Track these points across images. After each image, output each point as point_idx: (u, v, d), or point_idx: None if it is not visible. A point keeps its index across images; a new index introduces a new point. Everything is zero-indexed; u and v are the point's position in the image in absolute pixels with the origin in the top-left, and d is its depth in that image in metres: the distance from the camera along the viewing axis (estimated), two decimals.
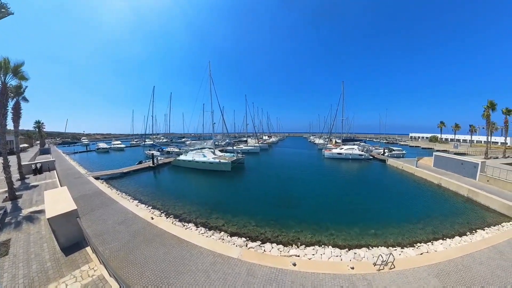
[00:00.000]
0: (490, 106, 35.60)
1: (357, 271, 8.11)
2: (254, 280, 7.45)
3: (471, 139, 71.69)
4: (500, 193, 18.12)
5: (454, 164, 27.02)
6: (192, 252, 9.18)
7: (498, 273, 8.07)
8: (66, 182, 20.74)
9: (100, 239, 9.99)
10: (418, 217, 15.23)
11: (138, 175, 28.18)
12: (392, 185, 25.23)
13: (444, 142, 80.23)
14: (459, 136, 77.92)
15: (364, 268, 8.40)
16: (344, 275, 7.87)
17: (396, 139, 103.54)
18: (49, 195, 10.56)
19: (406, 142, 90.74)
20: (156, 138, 72.93)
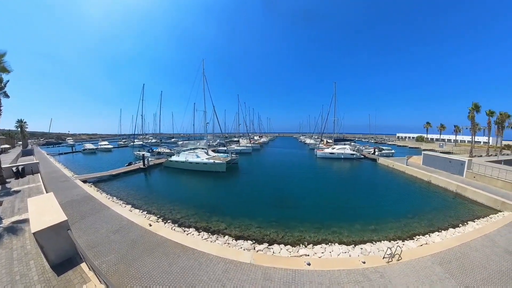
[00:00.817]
0: (475, 108, 38.83)
1: (369, 265, 8.64)
2: (272, 284, 7.44)
3: (455, 139, 77.19)
4: (486, 188, 19.90)
5: (442, 162, 28.87)
6: (200, 260, 8.77)
7: (492, 258, 9.15)
8: (52, 186, 19.62)
9: (94, 252, 9.16)
10: (413, 212, 16.35)
11: (129, 177, 27.31)
12: (385, 183, 26.77)
13: (430, 141, 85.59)
14: (444, 136, 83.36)
15: (374, 261, 8.94)
16: (357, 270, 8.32)
17: (384, 139, 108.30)
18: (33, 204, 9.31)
19: (393, 142, 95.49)
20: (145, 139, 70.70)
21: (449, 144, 71.53)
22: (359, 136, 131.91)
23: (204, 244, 10.35)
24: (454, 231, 12.89)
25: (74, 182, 21.23)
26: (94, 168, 32.37)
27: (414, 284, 7.58)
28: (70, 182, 21.49)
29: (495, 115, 42.12)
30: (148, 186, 24.30)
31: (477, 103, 38.37)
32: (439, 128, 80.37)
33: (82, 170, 31.00)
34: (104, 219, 12.64)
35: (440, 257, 9.23)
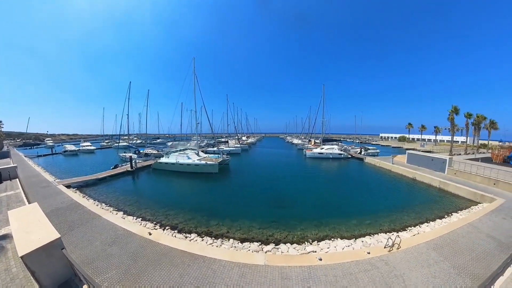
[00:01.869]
0: (454, 111, 43.59)
1: (373, 255, 9.58)
2: (291, 282, 7.74)
3: (435, 139, 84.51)
4: (466, 183, 22.42)
5: (425, 160, 31.44)
6: (212, 267, 8.58)
7: (477, 242, 10.70)
8: (32, 193, 18.25)
9: (92, 269, 8.37)
10: (402, 206, 18.07)
11: (116, 181, 26.22)
12: (374, 180, 28.81)
13: (412, 141, 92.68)
14: (425, 136, 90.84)
15: (377, 251, 9.93)
16: (364, 260, 9.21)
17: (368, 139, 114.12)
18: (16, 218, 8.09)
19: (377, 142, 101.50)
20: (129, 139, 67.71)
21: (429, 143, 78.29)
22: (344, 136, 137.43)
23: (212, 250, 10.21)
24: (441, 222, 14.60)
25: (57, 188, 20.02)
26: (77, 172, 30.96)
27: (415, 268, 8.69)
28: (52, 187, 20.25)
29: (473, 117, 47.09)
30: (138, 190, 23.52)
31: (457, 106, 43.24)
32: (420, 129, 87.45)
33: (65, 174, 29.43)
34: (97, 230, 11.80)
35: (433, 243, 10.57)
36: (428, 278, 8.09)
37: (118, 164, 32.20)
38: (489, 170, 22.77)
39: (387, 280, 7.93)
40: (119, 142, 52.75)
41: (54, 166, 37.25)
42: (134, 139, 68.39)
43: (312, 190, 23.66)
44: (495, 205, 16.10)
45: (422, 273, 8.36)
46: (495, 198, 17.34)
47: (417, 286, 7.70)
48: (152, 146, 52.32)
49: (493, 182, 21.23)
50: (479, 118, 47.60)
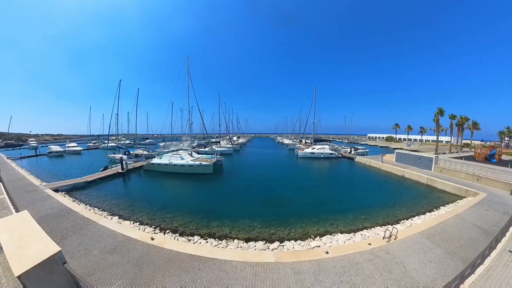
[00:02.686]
0: (440, 112, 46.03)
1: (374, 246, 10.47)
2: (304, 276, 8.20)
3: (421, 139, 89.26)
4: (451, 179, 24.35)
5: (413, 159, 33.42)
6: (224, 269, 8.66)
7: (464, 231, 12.03)
8: (18, 198, 17.19)
9: (94, 280, 7.95)
10: (394, 201, 19.44)
11: (107, 183, 25.44)
12: (365, 178, 30.52)
13: (399, 141, 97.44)
14: (411, 136, 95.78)
15: (377, 242, 10.86)
16: (367, 251, 10.06)
17: (356, 139, 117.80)
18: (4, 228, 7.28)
19: (365, 142, 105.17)
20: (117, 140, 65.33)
21: (415, 143, 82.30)
22: (333, 136, 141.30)
23: (221, 251, 10.35)
24: (431, 214, 15.98)
25: (44, 192, 19.18)
26: (64, 174, 29.93)
27: (413, 255, 9.69)
28: (39, 192, 19.33)
29: (457, 118, 50.64)
30: (131, 192, 23.05)
31: (442, 108, 45.87)
32: (406, 129, 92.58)
33: (51, 177, 28.09)
34: (93, 237, 11.21)
35: (426, 233, 11.73)
36: (425, 263, 9.03)
37: (108, 166, 31.36)
38: (473, 168, 24.80)
39: (390, 267, 8.76)
40: (108, 143, 50.76)
41: (39, 168, 35.43)
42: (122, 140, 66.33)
43: (306, 188, 24.58)
44: (479, 198, 17.82)
45: (419, 259, 9.32)
46: (479, 193, 19.15)
47: (417, 270, 8.61)
48: (143, 147, 51.01)
49: (476, 178, 23.31)
50: (462, 119, 51.55)
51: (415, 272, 8.42)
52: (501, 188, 20.50)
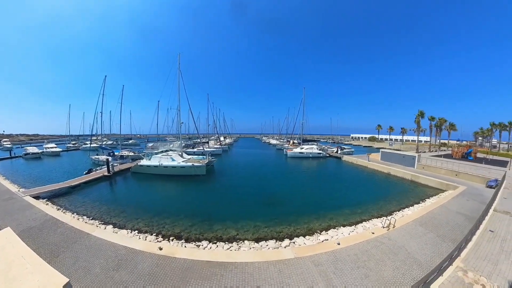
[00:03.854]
0: (420, 115, 51.75)
1: (377, 234, 11.91)
2: (324, 267, 9.04)
3: (402, 139, 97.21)
4: (433, 175, 27.43)
5: (397, 157, 36.52)
6: (247, 271, 8.78)
7: (450, 218, 14.10)
8: None
9: None
10: (383, 196, 21.53)
11: (92, 188, 24.32)
12: (354, 176, 33.05)
13: (381, 141, 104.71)
14: (392, 136, 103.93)
15: (379, 231, 12.34)
16: (372, 239, 11.44)
17: (340, 139, 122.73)
18: None
19: (349, 142, 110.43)
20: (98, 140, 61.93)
21: (397, 143, 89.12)
22: (318, 136, 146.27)
23: (238, 254, 10.47)
24: (419, 206, 18.18)
25: (24, 200, 17.70)
26: (44, 179, 28.16)
27: (411, 239, 11.29)
28: (17, 200, 17.74)
29: (435, 120, 56.40)
30: (120, 197, 22.17)
31: (422, 110, 51.74)
32: (388, 130, 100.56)
33: (30, 182, 26.34)
34: (90, 252, 10.03)
35: (418, 221, 13.53)
36: (422, 245, 10.67)
37: (92, 169, 30.05)
38: (451, 164, 28.04)
39: (395, 251, 10.23)
40: (90, 143, 48.09)
41: (15, 173, 32.78)
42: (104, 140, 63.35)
43: (300, 187, 26.11)
44: (459, 191, 20.55)
45: (417, 242, 10.95)
46: (458, 186, 21.99)
47: (417, 251, 10.21)
48: (128, 148, 49.06)
49: (455, 174, 26.61)
50: (440, 120, 57.59)
51: (416, 253, 9.97)
52: (478, 181, 23.76)
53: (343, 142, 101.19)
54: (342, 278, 8.19)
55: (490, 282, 6.60)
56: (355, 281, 7.98)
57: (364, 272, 8.51)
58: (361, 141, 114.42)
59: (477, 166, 28.62)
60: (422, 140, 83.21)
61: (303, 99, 61.93)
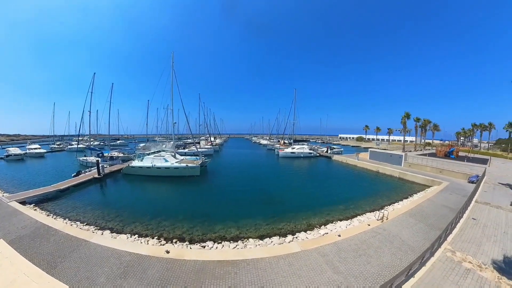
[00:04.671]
0: (406, 116, 54.96)
1: (373, 226, 13.09)
2: (329, 257, 9.88)
3: (388, 139, 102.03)
4: (419, 173, 29.64)
5: (385, 156, 38.75)
6: (259, 267, 9.18)
7: (436, 209, 15.70)
8: None
9: None
10: (374, 192, 23.16)
11: (82, 191, 23.59)
12: (344, 174, 34.78)
13: (368, 141, 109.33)
14: (379, 136, 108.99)
15: (374, 223, 13.56)
16: (369, 230, 12.57)
17: (328, 139, 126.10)
18: None
19: (337, 142, 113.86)
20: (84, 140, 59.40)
21: (383, 143, 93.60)
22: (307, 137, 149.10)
23: (248, 251, 10.81)
24: (407, 200, 19.90)
25: (10, 206, 16.69)
26: (29, 182, 26.90)
27: (404, 229, 12.58)
28: (2, 205, 16.77)
29: (420, 121, 60.14)
30: (113, 200, 21.52)
31: (408, 112, 55.11)
32: (375, 130, 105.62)
33: (14, 186, 25.31)
34: (91, 260, 9.57)
35: (408, 213, 14.98)
36: (414, 234, 11.99)
37: (80, 171, 29.10)
38: (436, 162, 30.50)
39: (390, 239, 11.41)
40: (78, 144, 46.13)
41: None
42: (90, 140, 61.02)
43: (294, 186, 27.24)
44: (443, 186, 22.52)
45: (409, 231, 12.25)
46: (442, 182, 24.12)
47: (410, 239, 11.46)
48: (118, 148, 47.66)
49: (440, 171, 29.00)
50: (425, 121, 61.82)
51: (409, 240, 11.22)
52: (460, 177, 26.16)
53: (331, 142, 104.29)
54: (347, 265, 9.11)
55: (476, 260, 7.79)
56: (359, 267, 8.94)
57: (366, 259, 9.52)
58: (349, 141, 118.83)
59: (459, 163, 31.32)
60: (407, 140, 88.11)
61: (294, 100, 63.87)
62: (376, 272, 8.56)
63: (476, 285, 7.36)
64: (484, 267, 8.01)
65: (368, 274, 8.43)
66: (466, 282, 7.45)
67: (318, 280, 8.10)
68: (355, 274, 8.48)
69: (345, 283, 7.91)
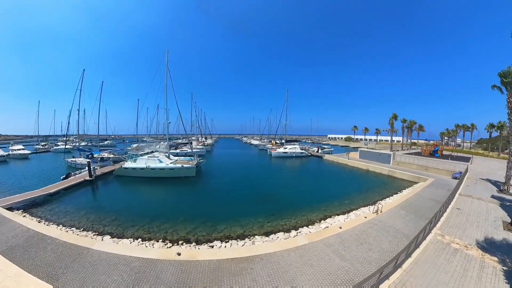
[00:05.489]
0: (394, 117, 59.13)
1: (369, 218, 14.37)
2: (334, 247, 10.89)
3: (376, 139, 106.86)
4: (407, 170, 31.82)
5: (374, 155, 40.96)
6: (273, 260, 9.76)
7: (424, 202, 17.36)
8: None
9: None
10: (365, 189, 24.84)
11: (74, 194, 22.84)
12: (337, 173, 36.57)
13: (357, 141, 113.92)
14: (367, 136, 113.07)
15: (370, 216, 14.85)
16: (366, 222, 13.80)
17: (318, 139, 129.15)
18: None
19: (326, 142, 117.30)
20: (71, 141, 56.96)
21: (371, 143, 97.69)
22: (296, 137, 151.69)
23: (259, 247, 11.24)
24: (397, 195, 21.55)
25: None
26: (15, 186, 25.78)
27: (397, 220, 13.97)
28: None
29: (407, 122, 64.26)
30: (108, 203, 20.85)
31: (396, 113, 59.37)
32: (364, 131, 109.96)
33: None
34: (98, 269, 9.06)
35: (400, 206, 16.50)
36: (406, 224, 13.38)
37: (70, 173, 28.23)
38: (422, 161, 33.06)
39: (386, 229, 12.68)
40: (65, 145, 44.38)
41: None
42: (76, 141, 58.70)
43: (289, 184, 28.46)
44: (429, 182, 24.51)
45: (402, 222, 13.66)
46: (428, 178, 26.14)
47: (404, 228, 12.80)
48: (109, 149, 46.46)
49: (425, 168, 31.39)
50: (411, 122, 66.16)
51: (403, 229, 12.55)
52: (444, 174, 28.51)
53: (321, 142, 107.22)
54: (351, 253, 10.16)
55: (462, 241, 9.12)
56: (362, 254, 10.03)
57: (367, 247, 10.64)
58: (338, 141, 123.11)
59: (443, 161, 33.96)
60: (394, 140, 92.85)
61: (286, 101, 65.64)
62: (378, 257, 9.66)
63: (464, 261, 8.73)
64: (470, 247, 9.47)
65: (371, 259, 9.52)
66: (456, 259, 8.81)
67: (329, 268, 9.02)
68: (359, 260, 9.53)
69: (352, 268, 8.91)
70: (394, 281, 7.62)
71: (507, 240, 10.83)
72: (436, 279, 7.87)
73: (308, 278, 8.35)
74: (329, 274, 8.60)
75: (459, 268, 8.52)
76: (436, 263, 8.74)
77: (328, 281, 8.17)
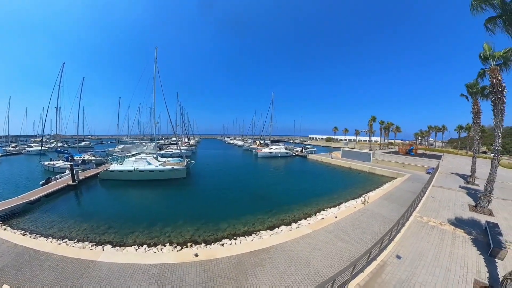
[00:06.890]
0: (373, 119, 65.37)
1: (358, 208, 16.64)
2: (333, 233, 12.60)
3: (355, 139, 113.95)
4: (386, 167, 35.57)
5: (355, 154, 44.65)
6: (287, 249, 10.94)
7: (403, 194, 20.10)
8: None
9: None
10: (349, 185, 27.65)
11: (57, 201, 21.36)
12: (321, 171, 39.44)
13: (337, 141, 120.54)
14: (347, 136, 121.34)
15: (359, 206, 17.13)
16: (356, 212, 15.98)
17: (299, 140, 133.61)
18: None
19: (308, 142, 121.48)
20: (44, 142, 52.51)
21: (351, 143, 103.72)
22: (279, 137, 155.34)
23: (270, 239, 12.33)
24: (379, 189, 24.29)
25: None
26: None
27: (382, 208, 16.41)
28: None
29: (384, 123, 70.64)
30: (98, 210, 19.73)
31: (374, 116, 65.90)
32: (344, 131, 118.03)
33: None
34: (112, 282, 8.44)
35: (383, 198, 19.06)
36: (390, 211, 15.80)
37: (50, 178, 26.36)
38: (399, 158, 36.76)
39: (374, 216, 14.97)
40: (41, 146, 40.92)
41: None
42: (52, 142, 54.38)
43: (278, 183, 30.23)
44: (406, 177, 28.02)
45: (387, 209, 16.12)
46: (405, 174, 29.66)
47: (389, 214, 15.18)
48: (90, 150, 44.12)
49: (402, 165, 35.42)
50: (388, 124, 72.64)
51: (388, 215, 14.93)
52: (419, 170, 32.58)
53: (303, 143, 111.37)
54: (349, 236, 12.12)
55: (437, 220, 11.47)
56: (359, 236, 12.04)
57: (361, 230, 12.69)
58: (319, 141, 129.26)
59: (418, 159, 38.08)
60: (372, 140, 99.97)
61: (272, 103, 68.62)
62: (371, 238, 11.69)
63: (440, 233, 11.30)
64: (444, 224, 12.12)
65: (367, 239, 11.53)
66: (434, 232, 11.33)
67: (334, 249, 10.81)
68: (357, 240, 11.50)
69: (353, 248, 10.84)
70: (391, 250, 9.81)
71: (472, 218, 14.07)
72: (421, 246, 10.25)
73: (320, 259, 9.97)
74: (336, 253, 10.37)
75: (437, 238, 11.10)
76: (419, 236, 11.24)
77: (337, 259, 9.95)
